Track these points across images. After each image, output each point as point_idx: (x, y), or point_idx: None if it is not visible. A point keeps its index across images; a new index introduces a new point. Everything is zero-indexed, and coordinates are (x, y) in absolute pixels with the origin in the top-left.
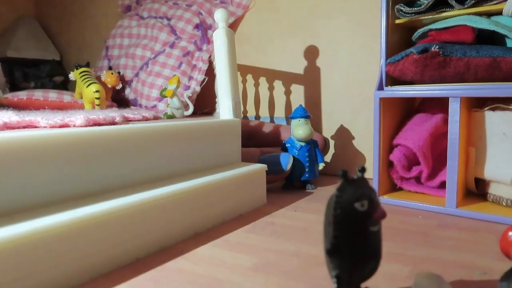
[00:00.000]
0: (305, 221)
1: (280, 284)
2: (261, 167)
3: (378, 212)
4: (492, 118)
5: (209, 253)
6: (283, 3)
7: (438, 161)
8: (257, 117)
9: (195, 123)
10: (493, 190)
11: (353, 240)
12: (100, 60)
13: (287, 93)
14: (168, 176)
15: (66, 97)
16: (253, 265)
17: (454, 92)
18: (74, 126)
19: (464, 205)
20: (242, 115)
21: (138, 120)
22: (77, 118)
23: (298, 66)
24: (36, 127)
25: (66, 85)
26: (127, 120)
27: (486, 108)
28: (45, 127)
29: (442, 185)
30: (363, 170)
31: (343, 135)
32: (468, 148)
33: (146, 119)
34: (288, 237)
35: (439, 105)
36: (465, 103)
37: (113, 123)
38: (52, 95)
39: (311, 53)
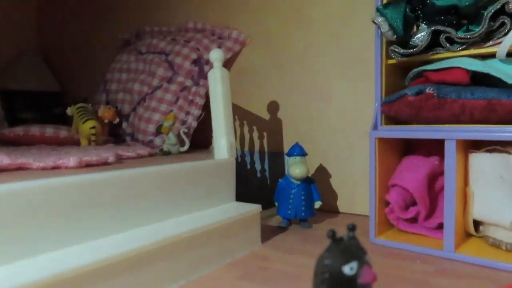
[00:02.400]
0: (299, 267)
1: None
2: (255, 207)
3: (367, 275)
4: (489, 160)
5: None
6: (279, 39)
7: (435, 201)
8: (252, 152)
9: (189, 165)
10: (493, 233)
11: None
12: (98, 93)
13: (283, 127)
14: (160, 220)
15: (63, 132)
16: None
17: (450, 134)
18: (66, 167)
19: (463, 248)
20: (236, 154)
21: (132, 158)
22: (70, 159)
23: (295, 101)
24: (27, 169)
25: (66, 117)
26: (120, 159)
27: (482, 150)
28: (36, 169)
29: (440, 226)
30: (353, 228)
31: (340, 172)
32: (466, 190)
33: (140, 156)
34: (281, 285)
35: (435, 145)
36: (462, 144)
37: (106, 163)
38: (49, 130)
39: (307, 88)
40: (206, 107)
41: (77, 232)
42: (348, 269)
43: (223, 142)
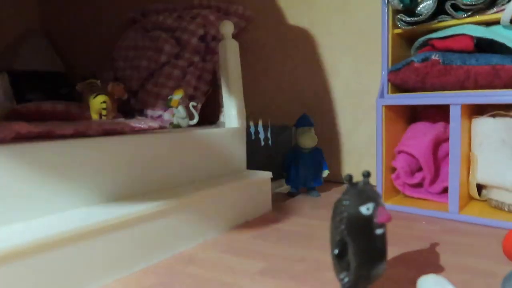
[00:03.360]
0: (310, 227)
1: (290, 286)
2: (266, 174)
3: (383, 215)
4: (492, 125)
5: (217, 258)
6: (284, 15)
7: (440, 167)
8: (256, 124)
9: (202, 132)
10: (495, 195)
11: (360, 243)
12: (106, 71)
13: (289, 101)
14: (177, 185)
15: (74, 108)
16: (261, 270)
17: (455, 99)
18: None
19: (467, 211)
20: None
21: (144, 129)
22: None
23: (300, 76)
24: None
25: (72, 97)
26: (133, 130)
27: (486, 115)
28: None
29: (444, 191)
30: (368, 174)
31: (346, 144)
32: (469, 154)
33: (152, 128)
34: (294, 243)
35: (440, 112)
36: (466, 110)
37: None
38: (60, 106)
39: (312, 63)
40: (212, 83)
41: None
42: (365, 209)
43: (233, 112)
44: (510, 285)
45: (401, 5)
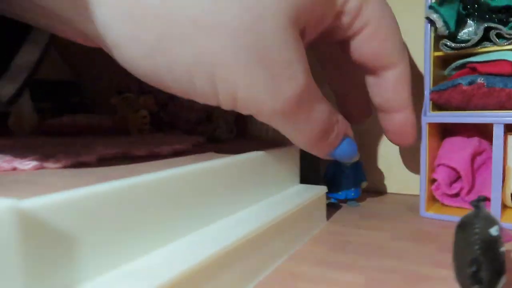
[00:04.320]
0: (375, 238)
1: None
2: (321, 188)
3: (507, 235)
4: None
5: (317, 273)
6: None
7: (474, 178)
8: None
9: (260, 153)
10: None
11: (490, 260)
12: (131, 82)
13: None
14: (245, 207)
15: (106, 121)
16: (365, 283)
17: (498, 119)
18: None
19: (504, 217)
20: None
21: (187, 149)
22: (163, 148)
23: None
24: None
25: (84, 107)
26: (176, 151)
27: None
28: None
29: None
30: (484, 199)
31: (378, 153)
32: (506, 167)
33: (195, 145)
34: (372, 255)
35: (474, 129)
36: (505, 127)
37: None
38: (92, 120)
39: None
40: None
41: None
42: (494, 231)
43: None
44: None
45: (447, 31)
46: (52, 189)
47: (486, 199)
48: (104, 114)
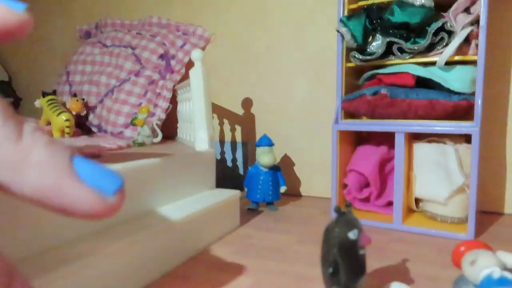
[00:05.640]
0: (279, 242)
1: None
2: (235, 192)
3: (365, 239)
4: (428, 149)
5: (209, 276)
6: (243, 39)
7: (384, 184)
8: (222, 142)
9: (176, 156)
10: (430, 208)
11: (348, 263)
12: (61, 85)
13: (245, 120)
14: (155, 207)
15: (32, 124)
16: (251, 285)
17: (399, 127)
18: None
19: (408, 222)
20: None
21: (114, 149)
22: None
23: (258, 97)
24: None
25: (16, 107)
26: (106, 150)
27: (423, 141)
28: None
29: (388, 204)
30: (350, 205)
31: (300, 160)
32: (409, 173)
33: (121, 148)
34: (271, 258)
35: (383, 137)
36: (408, 135)
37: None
38: None
39: (268, 85)
40: (172, 100)
41: None
42: (352, 234)
43: (204, 135)
44: (460, 284)
45: (355, 44)
46: None
47: (351, 205)
48: (37, 112)
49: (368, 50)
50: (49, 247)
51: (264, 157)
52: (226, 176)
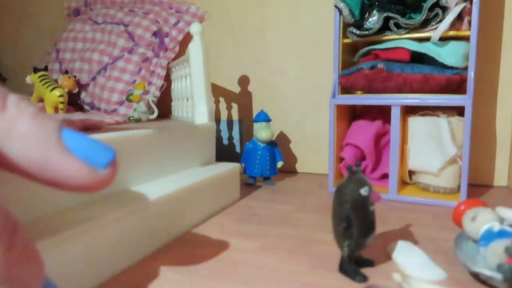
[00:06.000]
0: (280, 211)
1: (290, 259)
2: (235, 165)
3: (375, 195)
4: (422, 122)
5: (218, 241)
6: (236, 16)
7: (379, 157)
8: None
9: (176, 128)
10: (423, 179)
11: (360, 218)
12: (50, 63)
13: (241, 98)
14: (155, 178)
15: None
16: (260, 247)
17: (396, 101)
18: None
19: (403, 192)
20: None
21: (112, 124)
22: (75, 123)
23: (253, 74)
24: None
25: (2, 84)
26: (107, 125)
27: (417, 114)
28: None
29: (383, 177)
30: (359, 164)
31: (295, 137)
32: (404, 146)
33: (118, 123)
34: (274, 225)
35: (378, 111)
36: (402, 109)
37: (119, 123)
38: None
39: (264, 62)
40: (166, 78)
41: None
42: (364, 191)
43: (203, 109)
44: (460, 241)
45: (353, 19)
46: None
47: (360, 164)
48: (23, 93)
49: (364, 25)
50: (42, 216)
51: (262, 132)
52: (223, 154)
